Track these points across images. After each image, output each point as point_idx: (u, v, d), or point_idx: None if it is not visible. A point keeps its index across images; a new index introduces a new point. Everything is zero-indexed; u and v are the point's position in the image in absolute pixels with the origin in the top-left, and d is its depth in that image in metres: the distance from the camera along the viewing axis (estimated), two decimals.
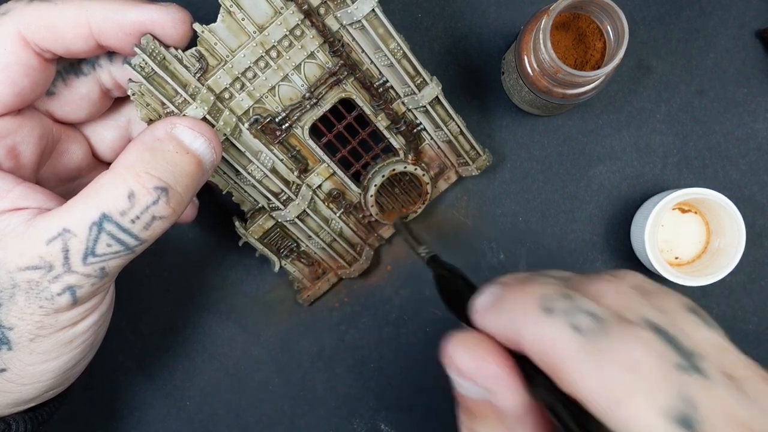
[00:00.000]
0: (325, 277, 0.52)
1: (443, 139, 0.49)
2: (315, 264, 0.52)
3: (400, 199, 0.52)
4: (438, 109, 0.47)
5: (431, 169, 0.51)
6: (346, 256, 0.51)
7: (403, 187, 0.52)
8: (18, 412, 0.38)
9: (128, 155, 0.34)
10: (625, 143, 0.53)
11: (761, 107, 0.53)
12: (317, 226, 0.49)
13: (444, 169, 0.52)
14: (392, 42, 0.43)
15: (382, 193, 0.51)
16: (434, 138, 0.50)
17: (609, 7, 0.41)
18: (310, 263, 0.52)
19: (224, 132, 0.42)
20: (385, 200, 0.51)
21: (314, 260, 0.51)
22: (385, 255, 0.54)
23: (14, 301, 0.33)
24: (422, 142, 0.50)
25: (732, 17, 0.52)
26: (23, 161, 0.37)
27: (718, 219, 0.50)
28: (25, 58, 0.35)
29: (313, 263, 0.52)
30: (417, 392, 0.54)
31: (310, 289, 0.52)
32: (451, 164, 0.52)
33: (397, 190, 0.52)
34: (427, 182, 0.50)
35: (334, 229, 0.50)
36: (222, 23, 0.39)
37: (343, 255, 0.51)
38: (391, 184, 0.51)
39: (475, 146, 0.50)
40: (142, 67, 0.37)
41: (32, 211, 0.34)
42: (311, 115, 0.45)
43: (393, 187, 0.51)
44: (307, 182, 0.48)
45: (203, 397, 0.54)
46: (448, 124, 0.48)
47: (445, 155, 0.51)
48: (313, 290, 0.52)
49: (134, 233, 0.34)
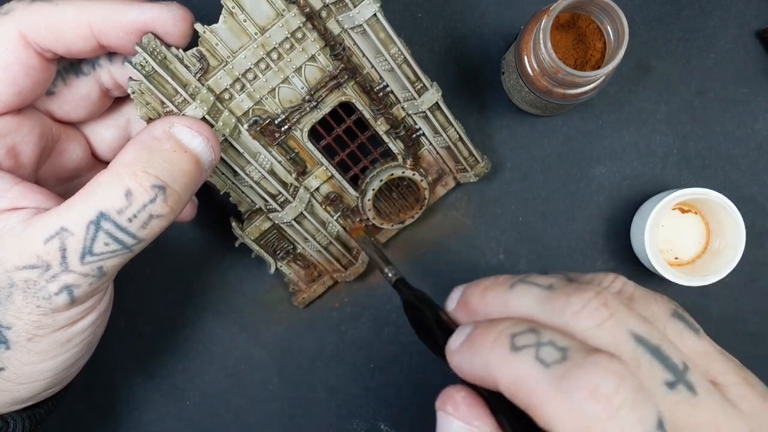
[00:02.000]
0: (321, 279, 0.52)
1: (442, 144, 0.49)
2: (311, 266, 0.52)
3: (398, 204, 0.52)
4: (437, 114, 0.47)
5: (429, 175, 0.51)
6: (342, 259, 0.51)
7: (400, 192, 0.51)
8: (16, 411, 0.39)
9: (126, 154, 0.34)
10: (625, 143, 0.53)
11: (761, 107, 0.53)
12: (314, 228, 0.49)
13: (442, 174, 0.52)
14: (393, 47, 0.43)
15: (379, 198, 0.51)
16: (433, 143, 0.50)
17: (609, 7, 0.41)
18: (306, 266, 0.51)
19: (223, 132, 0.42)
20: (383, 205, 0.51)
21: (310, 263, 0.51)
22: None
23: (12, 300, 0.33)
24: (421, 147, 0.50)
25: (732, 17, 0.52)
26: (23, 160, 0.37)
27: (718, 219, 0.50)
28: (26, 57, 0.35)
29: (309, 266, 0.52)
30: (417, 392, 0.54)
31: (306, 291, 0.52)
32: (449, 170, 0.52)
33: (395, 195, 0.51)
34: (425, 188, 0.50)
35: (330, 232, 0.50)
36: (224, 24, 0.39)
37: (339, 258, 0.51)
38: (388, 189, 0.51)
39: (474, 153, 0.50)
40: (142, 66, 0.37)
41: (30, 211, 0.34)
42: (311, 117, 0.45)
43: (391, 192, 0.51)
44: (305, 185, 0.48)
45: (203, 397, 0.54)
46: (447, 130, 0.48)
47: (443, 161, 0.51)
48: (308, 293, 0.52)
49: (132, 232, 0.34)
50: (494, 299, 0.30)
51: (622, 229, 0.53)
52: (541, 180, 0.53)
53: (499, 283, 0.30)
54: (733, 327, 0.53)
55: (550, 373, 0.25)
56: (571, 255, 0.53)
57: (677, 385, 0.25)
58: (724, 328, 0.53)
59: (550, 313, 0.28)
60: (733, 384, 0.26)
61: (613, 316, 0.26)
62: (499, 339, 0.27)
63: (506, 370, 0.26)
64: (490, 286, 0.31)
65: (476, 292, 0.31)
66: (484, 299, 0.30)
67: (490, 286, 0.31)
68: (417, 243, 0.54)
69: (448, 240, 0.54)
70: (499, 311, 0.30)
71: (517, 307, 0.29)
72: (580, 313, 0.27)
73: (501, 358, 0.26)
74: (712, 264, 0.50)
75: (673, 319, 0.28)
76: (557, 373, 0.25)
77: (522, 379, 0.25)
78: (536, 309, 0.28)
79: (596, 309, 0.27)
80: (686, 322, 0.28)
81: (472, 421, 0.28)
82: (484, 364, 0.27)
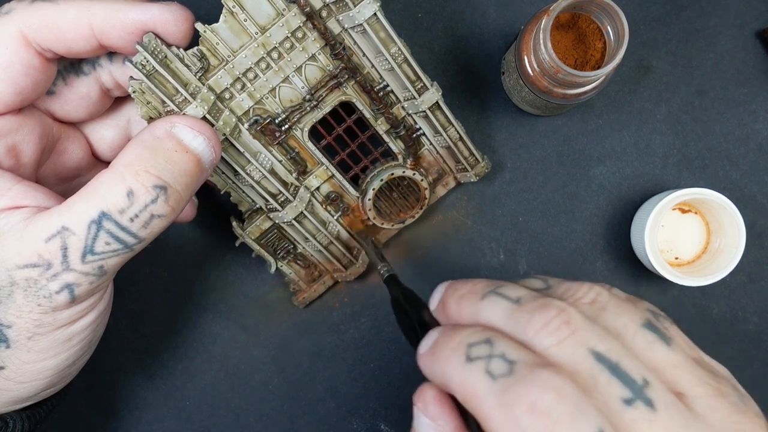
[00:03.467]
0: (321, 279, 0.52)
1: (442, 144, 0.49)
2: (311, 266, 0.52)
3: (398, 204, 0.52)
4: (438, 114, 0.47)
5: (430, 175, 0.51)
6: (342, 259, 0.51)
7: (401, 191, 0.51)
8: (16, 410, 0.39)
9: (127, 154, 0.34)
10: (625, 143, 0.53)
11: (761, 107, 0.53)
12: (314, 228, 0.49)
13: (442, 174, 0.52)
14: (393, 46, 0.43)
15: (380, 197, 0.51)
16: (433, 143, 0.50)
17: (609, 7, 0.41)
18: (307, 265, 0.51)
19: (223, 132, 0.42)
20: (383, 204, 0.51)
21: (311, 262, 0.51)
22: (385, 255, 0.54)
23: (12, 299, 0.33)
24: (421, 147, 0.50)
25: (732, 17, 0.52)
26: (23, 160, 0.37)
27: (718, 219, 0.50)
28: (27, 57, 0.35)
29: (309, 265, 0.52)
30: None
31: (306, 291, 0.52)
32: (449, 170, 0.52)
33: (395, 195, 0.51)
34: (425, 187, 0.50)
35: (331, 232, 0.50)
36: (224, 23, 0.39)
37: (340, 258, 0.51)
38: (389, 189, 0.51)
39: (474, 153, 0.50)
40: (143, 65, 0.37)
41: (31, 210, 0.34)
42: (311, 117, 0.45)
43: (391, 192, 0.51)
44: (306, 184, 0.48)
45: (203, 396, 0.54)
46: (447, 129, 0.48)
47: (443, 161, 0.51)
48: (308, 292, 0.52)
49: (133, 232, 0.34)
50: (467, 308, 0.31)
51: (622, 229, 0.53)
52: (541, 180, 0.53)
53: (474, 291, 0.31)
54: (733, 327, 0.53)
55: (496, 386, 0.26)
56: (571, 255, 0.53)
57: (635, 401, 0.25)
58: (724, 328, 0.53)
59: (514, 328, 0.28)
60: (703, 396, 0.26)
61: (574, 334, 0.27)
62: (457, 348, 0.28)
63: (459, 380, 0.27)
64: (465, 294, 0.32)
65: (453, 298, 0.32)
66: (459, 307, 0.31)
67: (465, 295, 0.31)
68: (417, 243, 0.54)
69: (448, 240, 0.54)
70: (471, 320, 0.31)
71: (486, 319, 0.30)
72: (540, 332, 0.27)
73: (455, 367, 0.28)
74: (712, 264, 0.50)
75: (644, 330, 0.28)
76: (502, 387, 0.25)
77: (471, 390, 0.27)
78: (502, 323, 0.29)
79: (557, 328, 0.27)
80: (657, 333, 0.28)
81: (436, 419, 0.29)
82: (442, 372, 0.29)
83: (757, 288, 0.53)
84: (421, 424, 0.30)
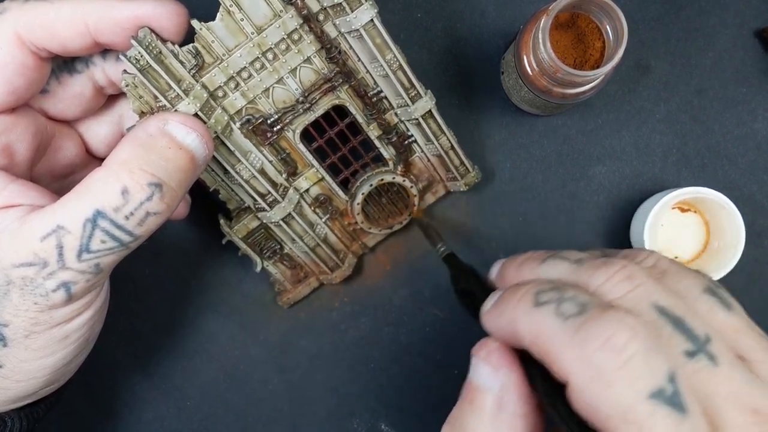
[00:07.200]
0: (307, 281, 0.52)
1: (433, 152, 0.49)
2: (297, 267, 0.52)
3: (387, 209, 0.52)
4: (430, 122, 0.47)
5: (420, 182, 0.51)
6: (328, 261, 0.51)
7: (390, 197, 0.51)
8: (13, 409, 0.39)
9: (121, 151, 0.34)
10: (625, 143, 0.53)
11: (760, 106, 0.53)
12: (302, 230, 0.49)
13: (432, 182, 0.52)
14: (389, 53, 0.43)
15: (369, 202, 0.51)
16: (424, 151, 0.50)
17: (608, 6, 0.41)
18: (293, 266, 0.51)
19: (215, 130, 0.41)
20: (372, 209, 0.51)
21: (297, 263, 0.51)
22: (385, 255, 0.54)
23: (9, 297, 0.33)
24: (412, 154, 0.50)
25: (731, 17, 0.52)
26: (17, 159, 0.37)
27: (718, 218, 0.50)
28: (21, 57, 0.35)
29: (295, 266, 0.52)
30: (417, 392, 0.54)
31: (291, 291, 0.52)
32: (439, 178, 0.52)
33: (384, 200, 0.51)
34: (414, 194, 0.50)
35: (318, 234, 0.50)
36: (220, 22, 0.39)
37: (326, 260, 0.51)
38: (378, 194, 0.51)
39: (465, 162, 0.50)
40: (137, 59, 0.37)
41: (26, 208, 0.34)
42: (304, 119, 0.45)
43: (380, 197, 0.51)
44: (295, 186, 0.48)
45: (203, 396, 0.54)
46: (439, 138, 0.48)
47: (434, 168, 0.51)
48: (293, 293, 0.52)
49: (128, 229, 0.34)
50: (527, 273, 0.32)
51: (622, 228, 0.53)
52: (540, 180, 0.53)
53: (533, 258, 0.32)
54: None
55: (567, 325, 0.26)
56: None
57: (698, 354, 0.25)
58: None
59: (577, 282, 0.29)
60: (764, 361, 0.26)
61: (638, 288, 0.27)
62: (525, 296, 0.28)
63: (527, 323, 0.27)
64: (524, 260, 0.32)
65: (512, 266, 0.33)
66: (519, 272, 0.32)
67: (524, 261, 0.32)
68: (417, 243, 0.54)
69: (448, 240, 0.53)
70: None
71: (548, 277, 0.30)
72: (604, 285, 0.28)
73: (524, 312, 0.28)
74: (712, 263, 0.50)
75: (705, 294, 0.28)
76: (573, 325, 0.25)
77: (541, 331, 0.26)
78: (566, 278, 0.29)
79: (620, 281, 0.27)
80: (719, 298, 0.28)
81: (500, 368, 0.29)
82: (509, 321, 0.28)
83: (757, 288, 0.53)
84: (481, 375, 0.30)
